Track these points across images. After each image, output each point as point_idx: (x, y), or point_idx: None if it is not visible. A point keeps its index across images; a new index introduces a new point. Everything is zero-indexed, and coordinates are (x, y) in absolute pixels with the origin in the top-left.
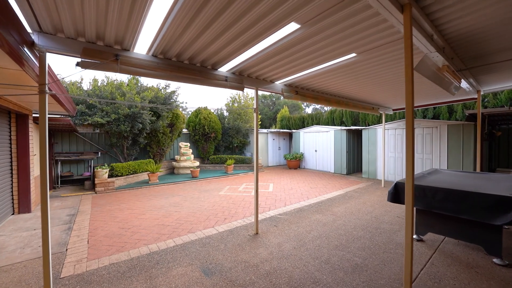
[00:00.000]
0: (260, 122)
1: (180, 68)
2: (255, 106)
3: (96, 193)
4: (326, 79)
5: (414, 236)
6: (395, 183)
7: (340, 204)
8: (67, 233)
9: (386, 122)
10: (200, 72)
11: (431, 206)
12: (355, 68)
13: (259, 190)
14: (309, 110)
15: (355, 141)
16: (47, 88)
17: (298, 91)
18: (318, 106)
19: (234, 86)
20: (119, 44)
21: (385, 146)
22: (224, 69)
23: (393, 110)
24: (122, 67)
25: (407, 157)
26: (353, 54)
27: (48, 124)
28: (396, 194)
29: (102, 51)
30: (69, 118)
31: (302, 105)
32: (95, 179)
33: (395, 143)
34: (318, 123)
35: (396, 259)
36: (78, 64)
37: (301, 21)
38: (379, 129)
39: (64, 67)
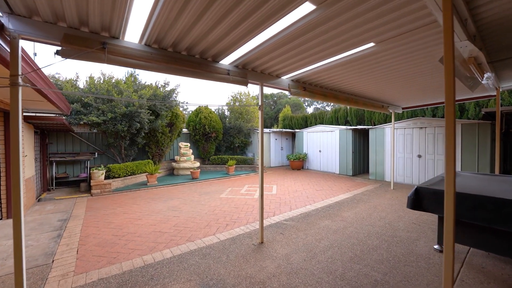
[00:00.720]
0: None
1: (177, 60)
2: (259, 103)
3: (91, 195)
4: (337, 73)
5: (436, 247)
6: (416, 188)
7: (349, 208)
8: (55, 241)
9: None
10: (199, 64)
11: (459, 214)
12: (371, 60)
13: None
14: (310, 109)
15: (361, 141)
16: (20, 80)
17: (306, 87)
18: (319, 106)
19: (237, 81)
20: (106, 30)
21: (394, 146)
22: (226, 61)
23: (403, 108)
24: (110, 57)
25: (448, 158)
26: (371, 44)
27: (41, 123)
28: (417, 200)
29: (86, 38)
30: (63, 117)
31: (304, 104)
32: (91, 181)
33: (404, 143)
34: (321, 123)
35: (420, 273)
36: (57, 52)
37: (318, 1)
38: (388, 128)
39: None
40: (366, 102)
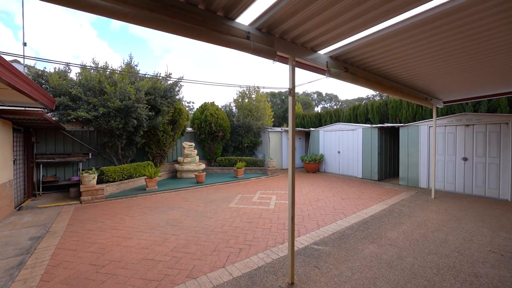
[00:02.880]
0: (272, 120)
1: (168, 7)
2: (290, 86)
3: (81, 203)
4: (391, 48)
5: None
6: None
7: (393, 225)
8: (11, 275)
9: (427, 118)
10: (204, 20)
11: None
12: (449, 23)
13: (277, 202)
14: (317, 109)
15: (388, 141)
16: None
17: (348, 67)
18: (327, 105)
19: (261, 50)
20: None
21: (432, 147)
22: (243, 20)
23: (444, 103)
24: None
25: None
26: None
27: (19, 119)
28: None
29: None
30: (42, 111)
31: (313, 103)
32: (81, 186)
33: (445, 144)
34: (338, 121)
35: None
36: None
37: None
38: (423, 126)
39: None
40: (410, 92)
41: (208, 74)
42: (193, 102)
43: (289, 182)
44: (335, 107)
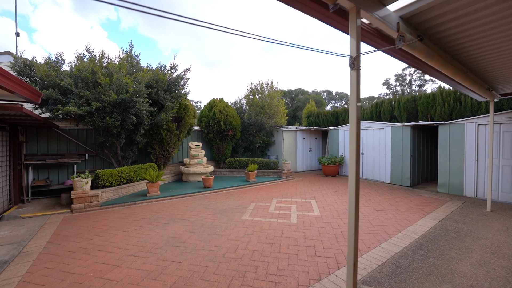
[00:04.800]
0: (286, 118)
1: None
2: (353, 53)
3: (72, 211)
4: (486, 13)
5: None
6: None
7: (459, 252)
8: None
9: (467, 116)
10: None
11: None
12: None
13: (299, 213)
14: (327, 108)
15: (421, 142)
16: None
17: (424, 35)
18: (337, 104)
19: None
20: None
21: (481, 149)
22: None
23: (502, 95)
24: None
25: None
26: None
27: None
28: None
29: None
30: (21, 106)
31: (325, 100)
32: (72, 192)
33: (500, 145)
34: None
35: None
36: None
37: None
38: (470, 124)
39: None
40: (475, 81)
41: (217, 74)
42: (200, 102)
43: (349, 197)
44: (345, 106)
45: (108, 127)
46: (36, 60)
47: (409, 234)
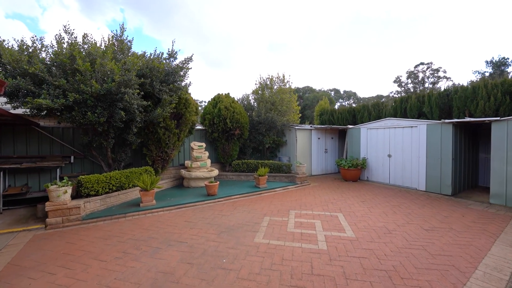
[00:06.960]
0: (299, 115)
1: None
2: None
3: (45, 227)
4: None
5: None
6: None
7: None
8: None
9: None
10: None
11: None
12: None
13: (327, 234)
14: (335, 107)
15: (463, 142)
16: None
17: None
18: (345, 103)
19: None
20: None
21: None
22: None
23: None
24: None
25: None
26: None
27: None
28: None
29: None
30: None
31: (333, 99)
32: (47, 203)
33: None
34: (379, 117)
35: None
36: None
37: None
38: None
39: None
40: None
41: (222, 74)
42: (204, 102)
43: None
44: (353, 105)
45: (92, 125)
46: (9, 45)
47: (491, 272)
